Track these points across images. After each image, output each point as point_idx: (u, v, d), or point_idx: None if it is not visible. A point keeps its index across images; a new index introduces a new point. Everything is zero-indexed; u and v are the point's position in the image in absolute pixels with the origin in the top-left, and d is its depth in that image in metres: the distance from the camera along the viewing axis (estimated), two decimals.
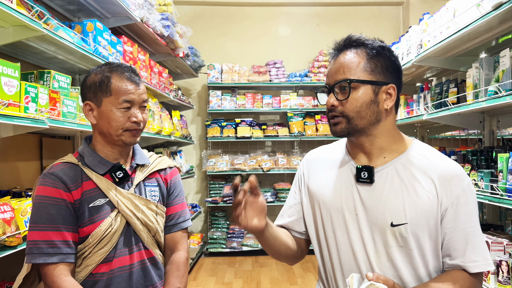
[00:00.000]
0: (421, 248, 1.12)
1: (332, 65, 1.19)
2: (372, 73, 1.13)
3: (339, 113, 1.14)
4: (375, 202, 1.14)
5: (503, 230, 2.84)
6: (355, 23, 5.79)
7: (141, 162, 1.48)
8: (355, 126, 1.14)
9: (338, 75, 1.15)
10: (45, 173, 1.34)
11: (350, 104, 1.13)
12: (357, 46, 1.16)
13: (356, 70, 1.13)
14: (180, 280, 1.45)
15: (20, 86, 1.75)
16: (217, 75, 5.45)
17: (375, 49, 1.15)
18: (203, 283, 4.23)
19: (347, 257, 1.17)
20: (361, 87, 1.13)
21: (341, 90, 1.14)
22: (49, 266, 1.27)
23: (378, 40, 1.19)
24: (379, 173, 1.15)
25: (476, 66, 2.43)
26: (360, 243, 1.15)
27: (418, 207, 1.11)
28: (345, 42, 1.18)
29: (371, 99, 1.13)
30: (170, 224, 1.51)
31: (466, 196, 1.12)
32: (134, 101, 1.39)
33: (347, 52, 1.16)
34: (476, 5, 2.25)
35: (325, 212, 1.21)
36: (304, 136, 5.40)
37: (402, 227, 1.11)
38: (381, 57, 1.15)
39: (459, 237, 1.11)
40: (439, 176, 1.12)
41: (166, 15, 3.78)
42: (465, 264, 1.11)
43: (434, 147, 1.24)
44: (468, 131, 4.00)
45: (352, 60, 1.14)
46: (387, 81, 1.15)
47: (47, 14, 2.16)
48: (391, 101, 1.16)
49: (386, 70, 1.15)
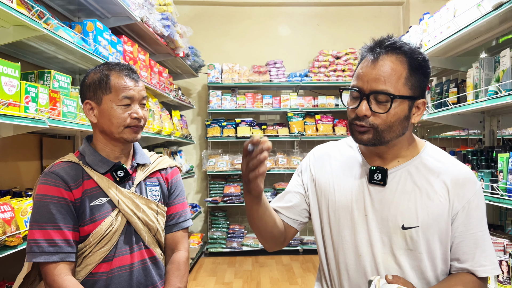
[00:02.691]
0: (430, 251, 1.11)
1: (369, 68, 1.08)
2: (412, 88, 1.08)
3: (370, 125, 1.08)
4: (387, 204, 1.13)
5: (503, 230, 2.84)
6: (355, 23, 5.79)
7: (142, 161, 1.49)
8: (383, 138, 1.09)
9: (378, 84, 1.06)
10: (46, 172, 1.35)
11: (386, 119, 1.07)
12: (399, 52, 1.08)
13: (398, 83, 1.06)
14: (180, 279, 1.45)
15: (20, 86, 1.74)
16: (217, 75, 5.45)
17: (418, 61, 1.08)
18: (203, 283, 4.23)
19: (352, 257, 1.16)
20: (399, 102, 1.06)
21: (377, 102, 1.07)
22: (49, 265, 1.27)
23: (419, 48, 1.14)
24: (391, 175, 1.14)
25: (476, 66, 2.43)
26: (367, 244, 1.14)
27: (430, 211, 1.10)
28: (386, 44, 1.10)
29: (405, 115, 1.08)
30: (170, 224, 1.51)
31: (477, 200, 1.12)
32: (134, 98, 1.39)
33: (389, 58, 1.07)
34: (476, 5, 2.24)
35: (332, 211, 1.20)
36: (304, 136, 5.40)
37: (413, 230, 1.10)
38: (422, 69, 1.09)
39: (469, 241, 1.11)
40: (452, 180, 1.12)
41: (166, 15, 3.78)
42: (474, 268, 1.10)
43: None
44: (468, 131, 4.00)
45: (394, 69, 1.06)
46: (421, 95, 1.11)
47: (47, 14, 2.15)
48: (419, 115, 1.12)
49: (422, 83, 1.10)
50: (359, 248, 1.15)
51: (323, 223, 1.23)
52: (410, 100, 1.08)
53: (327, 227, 1.21)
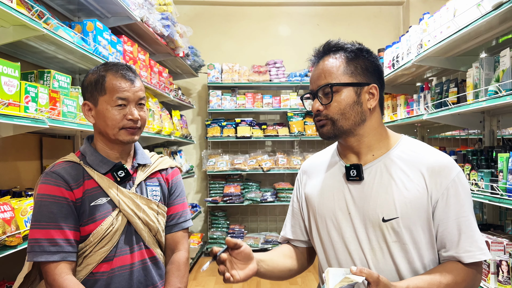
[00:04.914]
0: (415, 241, 1.12)
1: (313, 71, 1.23)
2: (352, 75, 1.17)
3: (324, 117, 1.18)
4: (366, 199, 1.15)
5: (503, 230, 2.84)
6: (355, 23, 5.79)
7: (143, 162, 1.49)
8: (341, 127, 1.16)
9: (320, 81, 1.19)
10: (47, 172, 1.35)
11: (334, 107, 1.16)
12: (336, 50, 1.20)
13: (337, 74, 1.17)
14: (180, 280, 1.45)
15: (20, 85, 1.74)
16: (217, 75, 5.45)
17: (353, 52, 1.18)
18: (203, 282, 4.24)
19: (343, 257, 1.18)
20: (343, 89, 1.16)
21: (324, 95, 1.18)
22: (50, 265, 1.27)
23: (357, 43, 1.22)
24: (368, 170, 1.18)
25: (476, 66, 2.43)
26: (355, 242, 1.16)
27: (408, 201, 1.11)
28: (324, 48, 1.23)
29: (354, 100, 1.16)
30: (171, 224, 1.51)
31: (456, 186, 1.12)
32: (129, 99, 1.38)
33: (327, 58, 1.20)
34: (476, 5, 2.24)
35: (319, 215, 1.23)
36: (304, 136, 5.40)
37: (394, 222, 1.12)
38: (360, 59, 1.18)
39: (452, 228, 1.11)
40: (428, 169, 1.13)
41: (166, 14, 3.78)
42: (459, 255, 1.11)
43: (435, 147, 1.24)
44: (468, 131, 4.00)
45: (332, 64, 1.18)
46: (368, 81, 1.18)
47: (47, 13, 2.15)
48: (374, 100, 1.18)
49: (366, 71, 1.18)
50: (348, 247, 1.17)
51: (311, 229, 1.28)
52: (354, 87, 1.16)
53: (316, 232, 1.26)
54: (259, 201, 5.17)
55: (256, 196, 5.17)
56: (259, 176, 5.66)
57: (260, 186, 5.47)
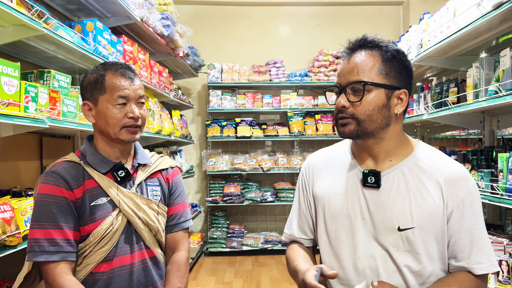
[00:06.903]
0: (428, 252, 1.11)
1: (344, 64, 1.15)
2: (386, 77, 1.11)
3: (349, 115, 1.12)
4: (382, 206, 1.13)
5: (503, 230, 2.84)
6: (355, 23, 5.79)
7: (143, 161, 1.48)
8: (365, 129, 1.12)
9: (351, 76, 1.11)
10: (47, 172, 1.34)
11: (363, 107, 1.10)
12: (372, 47, 1.14)
13: (370, 73, 1.10)
14: (181, 280, 1.45)
15: (20, 85, 1.74)
16: (217, 75, 5.45)
17: (390, 52, 1.13)
18: (203, 282, 4.23)
19: (351, 262, 1.16)
20: (374, 90, 1.10)
21: (353, 92, 1.11)
22: (50, 265, 1.27)
23: (392, 43, 1.17)
24: (385, 177, 1.15)
25: (476, 65, 2.43)
26: (365, 247, 1.14)
27: (424, 211, 1.10)
28: (360, 42, 1.16)
29: (383, 103, 1.11)
30: (171, 224, 1.51)
31: (471, 198, 1.12)
32: (129, 97, 1.38)
33: (362, 53, 1.13)
34: (476, 5, 2.24)
35: (329, 217, 1.20)
36: (304, 135, 5.40)
37: (410, 231, 1.10)
38: (396, 61, 1.13)
39: (464, 239, 1.11)
40: (445, 179, 1.12)
41: (166, 14, 3.78)
42: (470, 266, 1.10)
43: (435, 147, 1.24)
44: (468, 131, 4.00)
45: (367, 61, 1.11)
46: (400, 85, 1.13)
47: (47, 13, 2.15)
48: (401, 106, 1.14)
49: (399, 75, 1.13)
50: (357, 252, 1.15)
51: (319, 230, 1.25)
52: (386, 89, 1.11)
53: (324, 233, 1.22)
54: (259, 201, 5.17)
55: (256, 196, 5.17)
56: (259, 176, 5.66)
57: (260, 186, 5.47)
